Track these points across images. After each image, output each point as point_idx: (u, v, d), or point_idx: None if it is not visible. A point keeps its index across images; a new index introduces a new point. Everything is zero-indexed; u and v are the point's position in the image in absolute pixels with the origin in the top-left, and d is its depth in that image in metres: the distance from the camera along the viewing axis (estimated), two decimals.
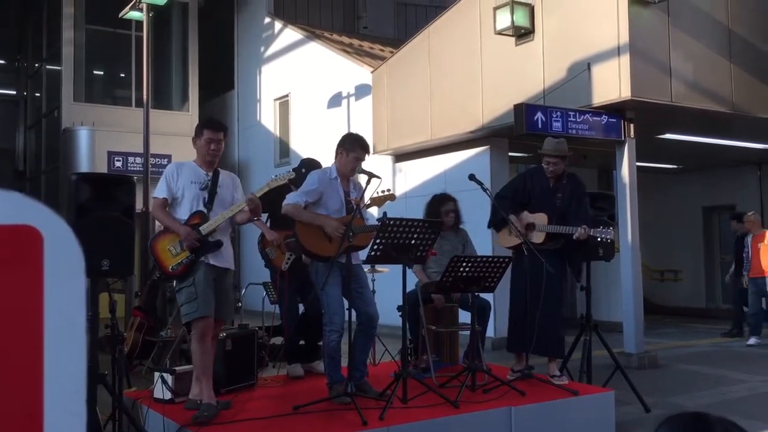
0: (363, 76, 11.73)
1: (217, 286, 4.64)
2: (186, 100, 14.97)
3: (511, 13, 8.31)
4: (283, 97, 14.18)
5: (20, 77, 17.49)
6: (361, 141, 5.30)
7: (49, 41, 15.06)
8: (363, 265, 5.36)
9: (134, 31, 13.77)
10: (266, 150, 14.50)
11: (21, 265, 0.68)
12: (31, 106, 16.69)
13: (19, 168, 16.70)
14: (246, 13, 15.47)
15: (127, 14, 11.47)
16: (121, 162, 13.15)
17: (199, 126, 4.91)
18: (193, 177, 4.72)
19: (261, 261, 6.37)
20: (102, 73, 15.60)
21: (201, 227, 4.58)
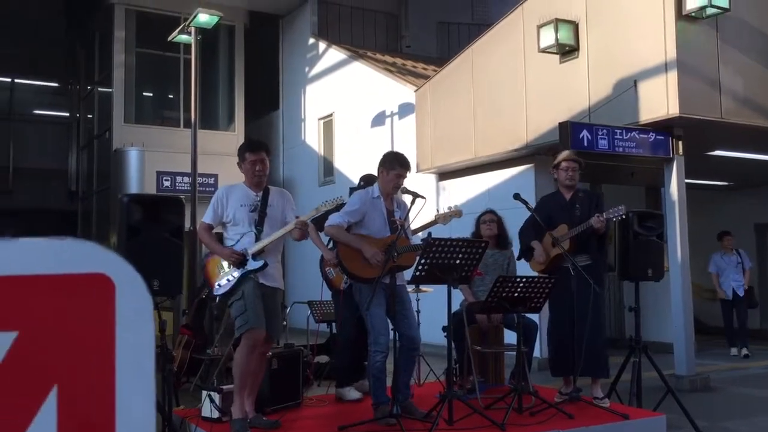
0: (406, 94, 11.79)
1: (266, 303, 4.70)
2: (232, 121, 15.23)
3: (555, 30, 8.28)
4: (327, 116, 14.32)
5: (73, 100, 18.02)
6: (400, 158, 5.33)
7: (101, 64, 15.50)
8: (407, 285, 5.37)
9: (182, 54, 14.07)
10: (311, 169, 14.64)
11: (95, 311, 0.70)
12: (84, 128, 17.17)
13: (71, 188, 17.15)
14: (291, 35, 15.71)
15: (176, 38, 11.76)
16: (169, 181, 13.42)
17: (240, 150, 4.98)
18: (242, 199, 4.80)
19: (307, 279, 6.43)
20: (151, 95, 15.99)
21: (249, 248, 4.66)
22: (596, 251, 5.68)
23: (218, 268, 4.74)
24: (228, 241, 4.81)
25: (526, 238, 5.81)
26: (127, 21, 14.45)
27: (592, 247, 5.65)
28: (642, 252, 5.79)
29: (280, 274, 4.98)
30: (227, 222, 4.81)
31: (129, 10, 14.40)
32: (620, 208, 5.42)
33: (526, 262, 5.97)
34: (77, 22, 16.55)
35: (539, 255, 5.70)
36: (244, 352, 4.60)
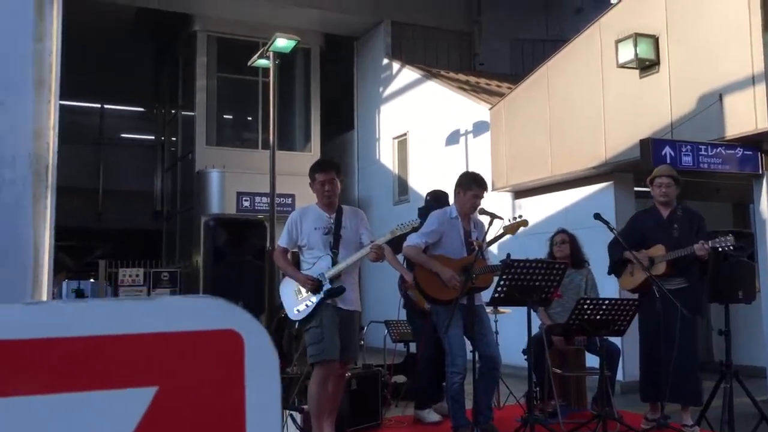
0: (481, 112, 11.75)
1: (343, 327, 4.73)
2: (308, 141, 15.54)
3: (634, 45, 8.11)
4: (402, 135, 14.42)
5: (158, 124, 18.78)
6: (477, 178, 5.32)
7: (184, 89, 16.10)
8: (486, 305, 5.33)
9: (261, 77, 14.48)
10: (385, 188, 14.75)
11: (226, 366, 0.74)
12: (168, 151, 17.85)
13: (156, 208, 17.82)
14: (365, 56, 15.93)
15: (256, 62, 12.12)
16: (248, 202, 13.77)
17: (311, 170, 4.98)
18: (316, 223, 4.81)
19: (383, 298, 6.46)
20: (231, 117, 16.49)
21: (326, 273, 4.69)
22: (697, 277, 5.39)
23: (295, 293, 4.79)
24: (304, 265, 4.84)
25: (616, 252, 5.57)
26: (209, 47, 15.00)
27: (692, 272, 5.37)
28: (732, 273, 5.56)
29: (357, 295, 5.00)
30: (302, 246, 4.84)
31: (211, 36, 14.94)
32: (728, 239, 5.11)
33: (617, 278, 5.77)
34: (162, 50, 17.27)
35: (644, 259, 5.38)
36: (318, 382, 4.58)
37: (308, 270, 4.76)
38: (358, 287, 5.15)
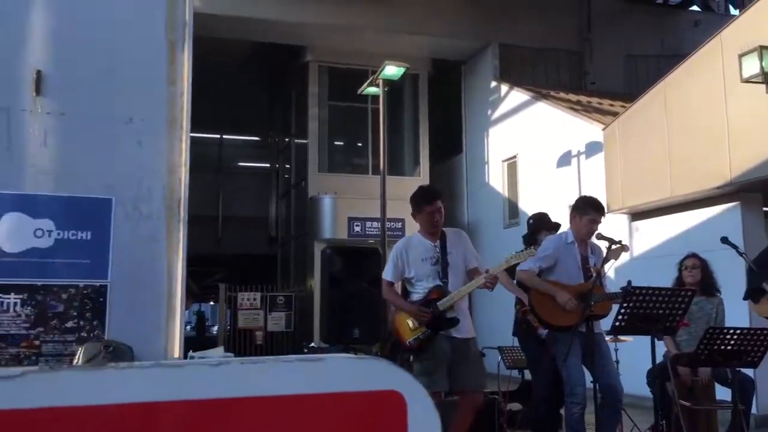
0: (593, 133, 11.47)
1: (458, 356, 4.69)
2: (417, 165, 15.65)
3: (759, 58, 7.70)
4: (511, 158, 14.28)
5: (273, 152, 19.49)
6: (594, 203, 5.19)
7: (297, 118, 16.64)
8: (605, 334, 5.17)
9: (370, 104, 14.78)
10: (495, 211, 14.62)
11: (389, 426, 0.78)
12: (282, 178, 18.46)
13: (272, 234, 18.43)
14: (473, 79, 15.94)
15: (365, 90, 12.40)
16: (359, 227, 14.00)
17: (415, 201, 4.89)
18: (422, 253, 4.77)
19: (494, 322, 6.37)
20: (342, 144, 16.88)
21: (438, 303, 4.68)
22: None
23: (407, 325, 4.79)
24: (414, 296, 4.82)
25: (757, 280, 5.22)
26: (320, 77, 15.47)
27: None
28: None
29: (470, 321, 4.94)
30: (411, 278, 4.83)
31: (322, 66, 15.41)
32: None
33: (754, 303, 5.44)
34: (276, 81, 17.96)
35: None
36: None
37: (418, 300, 4.76)
38: (469, 312, 5.11)
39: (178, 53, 3.93)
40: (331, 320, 4.77)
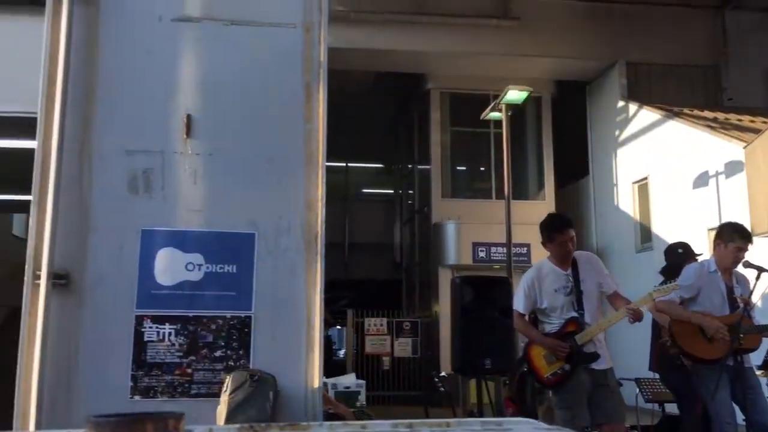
0: (733, 151, 10.85)
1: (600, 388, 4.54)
2: (542, 189, 15.39)
3: None
4: (642, 179, 13.74)
5: (396, 178, 19.78)
6: (740, 230, 4.92)
7: (420, 144, 16.83)
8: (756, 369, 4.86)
9: (492, 129, 14.74)
10: (626, 235, 14.08)
11: None
12: (406, 204, 18.69)
13: (396, 259, 18.64)
14: (598, 99, 15.53)
15: (488, 115, 12.38)
16: (484, 252, 13.91)
17: (546, 229, 4.80)
18: (555, 283, 4.67)
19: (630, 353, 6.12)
20: (465, 170, 16.88)
21: (576, 336, 4.56)
22: None
23: (544, 358, 4.70)
24: (547, 327, 4.73)
25: None
26: (442, 103, 15.60)
27: None
28: None
29: (607, 351, 4.80)
30: (544, 308, 4.73)
31: (444, 93, 15.54)
32: None
33: None
34: (399, 109, 18.29)
35: None
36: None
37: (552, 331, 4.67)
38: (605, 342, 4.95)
39: (314, 92, 4.11)
40: (463, 350, 4.75)
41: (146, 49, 3.97)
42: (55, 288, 3.57)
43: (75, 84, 3.83)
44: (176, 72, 3.99)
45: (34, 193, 3.67)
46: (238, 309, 3.75)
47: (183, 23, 4.04)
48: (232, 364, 3.66)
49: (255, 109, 4.03)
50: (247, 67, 4.08)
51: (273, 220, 3.89)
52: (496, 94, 12.18)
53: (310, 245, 3.90)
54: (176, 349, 3.65)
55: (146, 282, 3.69)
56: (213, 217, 3.86)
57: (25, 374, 3.47)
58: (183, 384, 3.62)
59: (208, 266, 3.76)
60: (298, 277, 3.85)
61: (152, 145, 3.88)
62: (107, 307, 3.67)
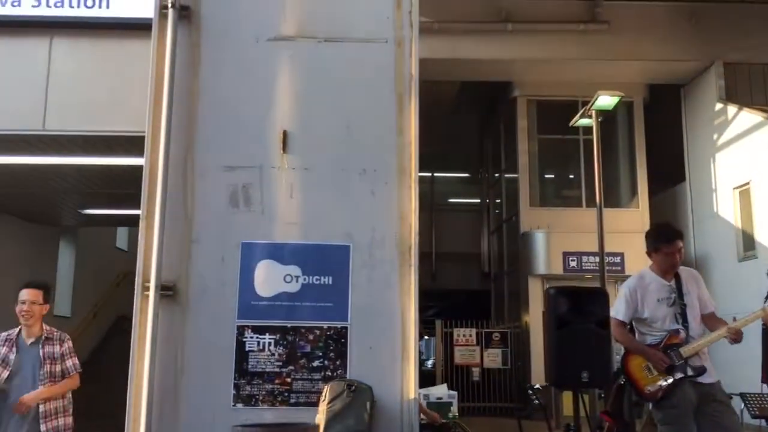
0: None
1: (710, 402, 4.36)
2: (635, 196, 14.92)
3: None
4: (744, 185, 13.10)
5: (483, 188, 19.63)
6: None
7: (506, 153, 16.66)
8: None
9: (582, 135, 14.42)
10: (726, 243, 13.45)
11: None
12: (493, 213, 18.51)
13: (484, 269, 18.48)
14: (694, 102, 14.95)
15: (577, 122, 12.14)
16: (575, 261, 13.60)
17: (652, 239, 4.67)
18: (658, 293, 4.54)
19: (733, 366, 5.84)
20: (553, 178, 16.59)
21: (681, 349, 4.40)
22: None
23: (644, 370, 4.56)
24: (648, 338, 4.59)
25: None
26: (529, 111, 15.38)
27: None
28: None
29: (712, 364, 4.61)
30: (645, 318, 4.60)
31: (530, 100, 15.33)
32: None
33: None
34: (485, 118, 18.17)
35: None
36: None
37: (653, 343, 4.52)
38: None
39: (406, 105, 4.17)
40: (559, 362, 4.67)
41: (244, 69, 4.13)
42: (162, 299, 3.75)
43: (178, 104, 4.02)
44: (272, 89, 4.13)
45: (142, 209, 3.87)
46: (335, 320, 3.83)
47: (278, 42, 4.17)
48: (329, 374, 3.74)
49: (348, 123, 4.12)
50: (340, 83, 4.18)
51: (367, 231, 3.96)
52: (585, 100, 11.92)
53: (404, 256, 3.94)
54: (276, 358, 3.75)
55: (246, 293, 3.83)
56: (309, 229, 3.96)
57: (136, 380, 3.65)
58: (283, 393, 3.72)
59: (305, 278, 3.85)
60: (392, 288, 3.90)
61: (251, 160, 4.02)
62: (210, 317, 3.82)
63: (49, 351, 4.44)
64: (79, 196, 10.80)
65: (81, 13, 6.77)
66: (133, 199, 4.04)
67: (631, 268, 13.07)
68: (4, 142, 7.25)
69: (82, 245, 15.08)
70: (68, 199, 11.09)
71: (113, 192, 10.24)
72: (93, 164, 8.19)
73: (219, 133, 4.07)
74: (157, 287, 3.70)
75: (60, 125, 6.76)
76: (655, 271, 4.64)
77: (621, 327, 4.67)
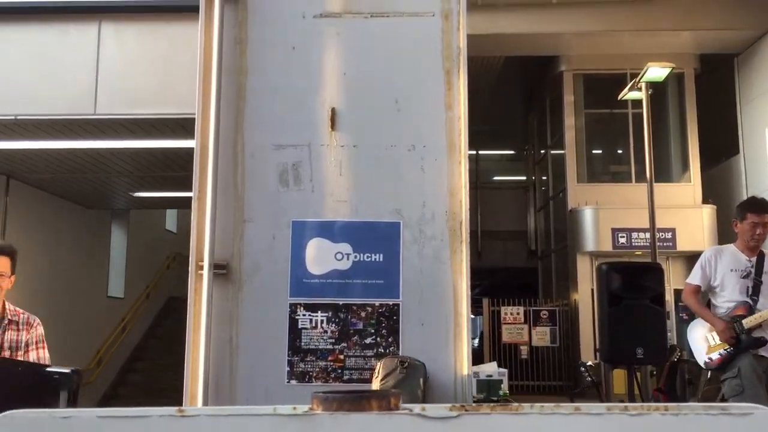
0: None
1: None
2: (686, 171, 14.56)
3: None
4: None
5: (528, 165, 19.39)
6: None
7: (552, 129, 16.39)
8: None
9: (630, 109, 14.10)
10: None
11: None
12: (539, 190, 18.27)
13: (531, 247, 18.30)
14: (748, 72, 14.46)
15: (626, 96, 11.85)
16: (624, 238, 13.36)
17: (741, 208, 4.63)
18: (732, 264, 4.47)
19: None
20: (600, 153, 16.28)
21: (744, 320, 4.31)
22: None
23: (706, 339, 4.48)
24: (717, 309, 4.53)
25: None
26: (575, 85, 15.09)
27: None
28: None
29: None
30: (715, 287, 4.53)
31: (576, 74, 15.03)
32: None
33: None
34: (530, 94, 17.88)
35: None
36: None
37: (722, 314, 4.44)
38: None
39: (454, 80, 4.10)
40: (613, 339, 4.60)
41: (291, 46, 4.12)
42: (216, 277, 3.79)
43: (227, 84, 4.03)
44: (320, 67, 4.11)
45: (194, 190, 3.90)
46: (386, 297, 3.82)
47: (325, 19, 4.15)
48: (382, 351, 3.74)
49: (396, 99, 4.08)
50: (387, 58, 4.14)
51: (417, 208, 3.93)
52: (634, 73, 11.63)
53: (454, 232, 3.91)
54: (328, 336, 3.77)
55: (298, 271, 3.84)
56: (359, 207, 3.95)
57: (192, 358, 3.71)
58: (336, 370, 3.74)
59: (356, 255, 3.85)
60: (443, 264, 3.87)
61: (300, 139, 4.02)
62: (263, 296, 3.85)
63: (11, 338, 3.56)
64: (131, 180, 11.01)
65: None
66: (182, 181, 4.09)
67: (684, 245, 12.80)
68: (58, 127, 7.41)
69: (133, 228, 15.40)
70: (120, 183, 11.32)
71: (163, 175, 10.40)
72: (143, 147, 8.32)
73: (267, 113, 4.07)
74: (210, 266, 3.74)
75: (110, 109, 6.87)
76: (738, 246, 4.55)
77: (693, 292, 4.60)
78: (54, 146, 8.30)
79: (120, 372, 14.32)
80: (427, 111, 4.06)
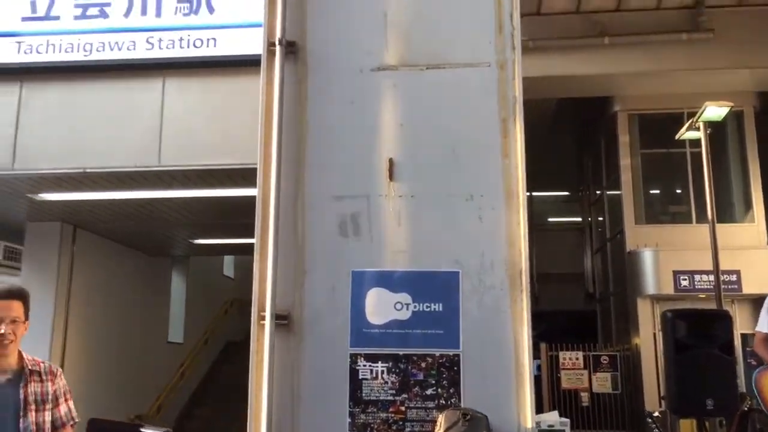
0: None
1: None
2: (749, 210, 14.15)
3: None
4: None
5: (583, 206, 19.13)
6: None
7: (608, 170, 16.18)
8: None
9: (688, 148, 13.85)
10: None
11: None
12: (595, 231, 17.98)
13: (588, 290, 17.95)
14: None
15: (684, 135, 11.67)
16: (687, 281, 12.99)
17: None
18: None
19: None
20: (658, 193, 15.98)
21: None
22: None
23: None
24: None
25: None
26: (630, 125, 14.92)
27: None
28: None
29: None
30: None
31: (631, 115, 14.88)
32: None
33: None
34: (584, 135, 17.75)
35: None
36: None
37: None
38: None
39: (510, 127, 4.12)
40: (680, 389, 4.45)
41: (349, 100, 4.21)
42: (277, 327, 3.83)
43: (288, 136, 4.14)
44: (378, 118, 4.18)
45: (256, 240, 3.98)
46: (447, 347, 3.80)
47: (382, 72, 4.23)
48: (443, 402, 3.70)
49: (453, 148, 4.11)
50: (444, 108, 4.19)
51: (476, 257, 3.92)
52: (691, 112, 11.46)
53: (514, 281, 3.88)
54: (389, 386, 3.76)
55: (358, 321, 3.86)
56: (418, 256, 3.96)
57: (255, 408, 3.74)
58: (397, 422, 3.71)
59: (415, 305, 3.85)
60: (503, 313, 3.84)
61: (358, 189, 4.08)
62: (324, 346, 3.87)
63: (35, 390, 3.15)
64: (191, 227, 11.28)
65: (191, 53, 7.12)
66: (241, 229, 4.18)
67: (750, 287, 12.35)
68: (123, 179, 7.68)
69: (192, 274, 15.71)
70: (181, 230, 11.60)
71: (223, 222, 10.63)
72: (204, 196, 8.55)
73: (327, 164, 4.15)
74: (272, 317, 3.80)
75: (174, 161, 7.10)
76: None
77: (763, 341, 4.45)
78: (119, 197, 8.59)
79: (178, 418, 14.47)
80: (484, 160, 4.08)
